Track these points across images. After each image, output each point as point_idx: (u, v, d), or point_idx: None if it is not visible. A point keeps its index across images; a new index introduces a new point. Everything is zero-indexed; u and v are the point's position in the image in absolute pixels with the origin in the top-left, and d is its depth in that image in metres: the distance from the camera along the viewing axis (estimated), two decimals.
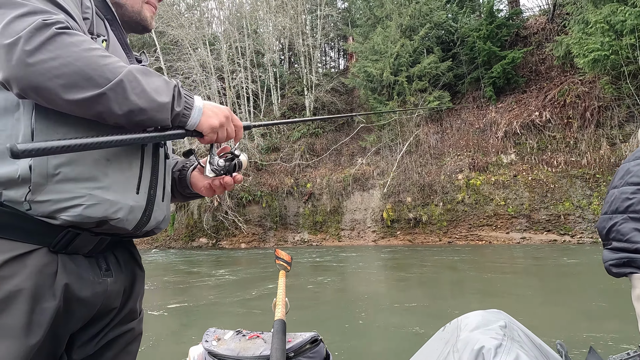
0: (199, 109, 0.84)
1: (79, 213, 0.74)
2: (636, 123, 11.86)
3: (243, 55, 20.12)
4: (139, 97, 0.74)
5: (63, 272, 0.75)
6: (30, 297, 0.70)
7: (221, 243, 16.44)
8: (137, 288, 0.97)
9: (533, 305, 4.55)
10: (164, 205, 0.94)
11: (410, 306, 4.80)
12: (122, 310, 0.92)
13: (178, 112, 0.80)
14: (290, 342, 1.57)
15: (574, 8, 13.54)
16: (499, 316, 0.90)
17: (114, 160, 0.79)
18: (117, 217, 0.78)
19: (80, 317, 0.80)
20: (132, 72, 0.74)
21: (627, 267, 0.69)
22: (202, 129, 0.85)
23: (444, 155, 14.79)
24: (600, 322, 3.69)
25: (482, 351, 0.80)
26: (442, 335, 1.01)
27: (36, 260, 0.72)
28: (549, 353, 0.87)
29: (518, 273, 7.01)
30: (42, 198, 0.72)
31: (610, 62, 11.26)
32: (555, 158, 12.77)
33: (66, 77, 0.68)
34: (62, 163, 0.73)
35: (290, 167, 17.27)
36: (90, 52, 0.70)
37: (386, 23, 16.51)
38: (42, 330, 0.71)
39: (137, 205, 0.83)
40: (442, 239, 13.49)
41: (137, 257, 1.00)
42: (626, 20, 10.53)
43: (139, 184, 0.84)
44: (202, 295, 5.92)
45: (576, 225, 11.75)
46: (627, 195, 0.70)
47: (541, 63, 15.34)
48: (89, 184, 0.75)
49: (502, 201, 12.85)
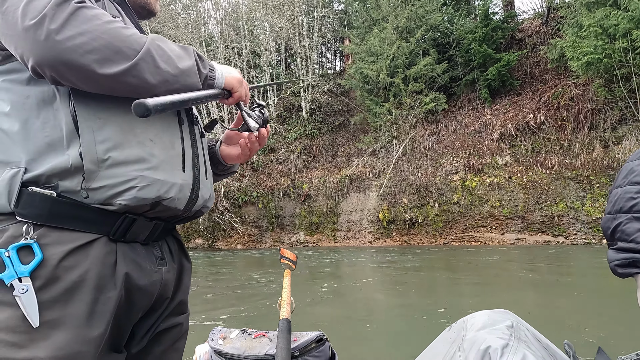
0: (219, 70, 0.86)
1: (134, 195, 0.74)
2: (629, 125, 12.03)
3: (239, 56, 20.10)
4: (168, 64, 0.74)
5: (122, 260, 0.76)
6: (93, 287, 0.71)
7: (217, 244, 16.40)
8: (185, 279, 0.96)
9: (532, 305, 4.61)
10: (208, 182, 0.94)
11: (412, 306, 4.84)
12: (173, 300, 0.91)
13: (205, 74, 0.82)
14: (295, 341, 1.59)
15: (568, 12, 13.71)
16: (505, 316, 0.91)
17: (157, 140, 0.79)
18: (169, 196, 0.79)
19: (141, 306, 0.81)
20: (155, 41, 0.74)
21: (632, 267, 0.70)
22: (232, 86, 0.87)
23: (439, 156, 14.88)
24: (602, 322, 3.75)
25: (489, 351, 0.80)
26: (447, 335, 1.01)
27: (97, 249, 0.73)
28: (557, 353, 0.87)
29: (515, 273, 7.08)
30: (97, 185, 0.72)
31: (603, 65, 11.42)
32: (549, 160, 12.90)
33: (98, 51, 0.67)
34: (110, 148, 0.73)
35: (286, 168, 17.27)
36: (113, 24, 0.70)
37: (382, 25, 16.58)
38: (106, 320, 0.72)
39: (185, 183, 0.83)
40: (437, 240, 13.57)
41: (184, 248, 0.99)
42: (619, 24, 10.68)
43: (184, 162, 0.84)
44: (207, 295, 5.92)
45: (570, 227, 11.88)
46: (631, 195, 0.70)
47: (536, 66, 15.49)
48: (138, 166, 0.75)
49: (497, 202, 12.96)
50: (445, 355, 0.94)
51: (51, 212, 0.71)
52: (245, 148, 1.04)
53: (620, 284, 5.49)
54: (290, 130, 18.73)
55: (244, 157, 1.07)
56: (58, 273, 0.69)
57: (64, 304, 0.68)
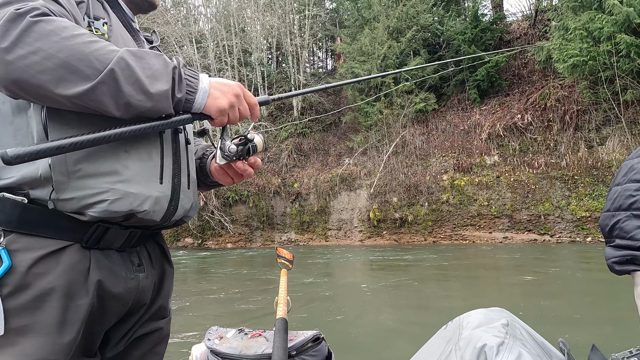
0: (204, 92, 0.77)
1: (105, 208, 0.72)
2: (612, 127, 12.32)
3: (230, 54, 19.94)
4: (134, 86, 0.67)
5: (96, 268, 0.75)
6: (63, 295, 0.70)
7: (207, 243, 16.28)
8: (167, 285, 0.95)
9: (521, 303, 4.70)
10: (190, 192, 0.91)
11: (407, 304, 4.89)
12: (152, 305, 0.90)
13: (180, 98, 0.74)
14: (292, 341, 1.60)
15: (555, 14, 13.97)
16: (501, 314, 0.92)
17: (132, 151, 0.76)
18: (143, 209, 0.76)
19: (114, 313, 0.80)
20: (124, 59, 0.67)
21: (630, 264, 0.70)
22: (210, 112, 0.78)
23: (429, 156, 15.02)
24: (594, 320, 3.84)
25: (485, 349, 0.81)
26: (444, 333, 1.02)
27: (69, 256, 0.72)
28: (552, 351, 0.89)
29: (507, 272, 7.21)
30: (66, 196, 0.70)
31: (588, 67, 11.67)
32: (536, 160, 13.14)
33: (52, 71, 0.62)
34: (81, 159, 0.71)
35: (277, 167, 17.23)
36: (74, 40, 0.64)
37: (373, 24, 16.65)
38: (76, 327, 0.71)
39: (162, 195, 0.80)
40: (427, 238, 13.70)
41: (167, 253, 0.98)
42: (603, 27, 10.93)
43: (161, 174, 0.81)
44: (201, 294, 5.88)
45: (555, 225, 12.12)
46: (630, 193, 0.70)
47: (523, 67, 15.74)
48: (110, 178, 0.72)
49: (486, 202, 13.15)
50: (441, 353, 0.95)
51: (21, 218, 0.70)
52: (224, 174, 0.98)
53: (606, 282, 5.64)
54: (282, 129, 18.68)
55: (226, 180, 1.00)
56: (28, 280, 0.67)
57: (33, 311, 0.67)
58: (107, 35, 0.80)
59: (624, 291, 4.94)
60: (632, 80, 11.55)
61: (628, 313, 3.99)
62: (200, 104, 0.77)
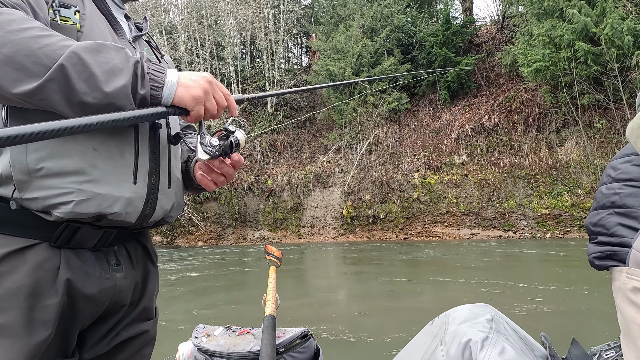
0: (171, 85, 0.71)
1: (70, 210, 0.68)
2: (570, 129, 13.08)
3: (202, 47, 19.47)
4: (88, 83, 0.62)
5: (66, 267, 0.71)
6: (30, 294, 0.66)
7: (176, 241, 15.90)
8: (151, 285, 0.91)
9: (508, 300, 4.92)
10: (171, 192, 0.85)
11: (393, 302, 4.97)
12: (136, 307, 0.87)
13: (144, 94, 0.68)
14: (280, 338, 1.62)
15: (521, 20, 14.62)
16: (485, 310, 0.96)
17: (102, 149, 0.71)
18: (113, 210, 0.71)
19: (88, 314, 0.76)
20: (77, 53, 0.62)
21: (609, 259, 0.71)
22: (185, 103, 0.71)
23: (401, 154, 15.36)
24: (579, 317, 4.07)
25: (470, 344, 0.83)
26: (430, 329, 1.04)
27: (36, 255, 0.68)
28: (534, 345, 0.92)
29: (472, 267, 7.51)
30: (29, 196, 0.66)
31: (549, 72, 12.31)
32: (501, 159, 13.74)
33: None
34: (44, 157, 0.66)
35: (250, 164, 17.06)
36: (21, 34, 0.59)
37: (348, 23, 16.77)
38: (48, 327, 0.68)
39: (135, 196, 0.75)
40: (398, 235, 14.04)
41: (150, 252, 0.93)
42: (564, 35, 11.55)
43: (135, 173, 0.76)
44: (185, 291, 5.77)
45: (518, 222, 12.75)
46: (614, 191, 0.73)
47: (491, 70, 16.37)
48: (76, 178, 0.68)
49: (454, 199, 13.62)
50: (427, 348, 0.97)
51: None
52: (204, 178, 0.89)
53: (566, 275, 5.97)
54: (255, 125, 18.49)
55: (209, 184, 0.90)
56: None
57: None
58: (78, 24, 0.74)
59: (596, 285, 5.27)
60: (589, 85, 12.30)
61: (583, 302, 4.28)
62: (167, 98, 0.70)
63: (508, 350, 0.79)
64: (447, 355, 0.86)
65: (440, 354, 0.88)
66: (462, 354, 0.83)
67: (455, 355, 0.84)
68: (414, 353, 1.04)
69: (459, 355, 0.83)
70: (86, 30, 0.75)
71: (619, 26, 10.49)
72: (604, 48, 11.14)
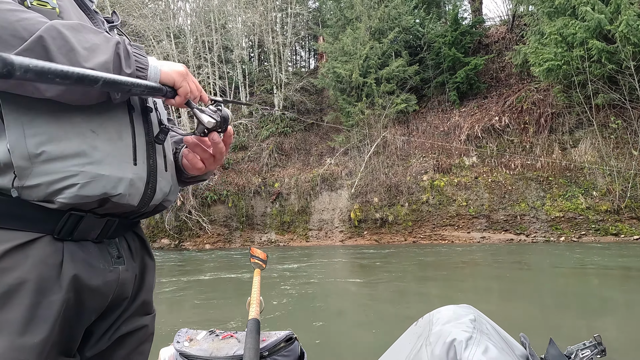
0: (154, 67, 0.73)
1: (76, 193, 0.67)
2: (584, 130, 12.78)
3: (210, 50, 19.67)
4: (67, 57, 0.61)
5: (70, 261, 0.70)
6: (34, 290, 0.65)
7: (184, 244, 15.99)
8: (148, 278, 0.91)
9: (496, 300, 4.80)
10: (168, 174, 0.87)
11: (382, 303, 4.91)
12: (135, 300, 0.86)
13: (129, 74, 0.68)
14: (264, 341, 1.57)
15: (531, 19, 14.39)
16: (469, 310, 0.96)
17: (100, 131, 0.71)
18: (117, 192, 0.72)
19: (94, 308, 0.75)
20: (56, 27, 0.62)
21: None
22: (173, 80, 0.74)
23: (410, 156, 15.21)
24: (557, 315, 3.95)
25: (454, 343, 0.84)
26: (414, 329, 1.04)
27: (39, 249, 0.67)
28: (514, 344, 0.93)
29: (480, 271, 7.35)
30: (31, 182, 0.65)
31: (562, 71, 12.06)
32: (512, 161, 13.49)
33: None
34: (44, 141, 0.65)
35: (258, 166, 17.10)
36: None
37: (356, 25, 16.75)
38: (49, 325, 0.66)
39: (137, 177, 0.76)
40: (407, 238, 13.87)
41: (147, 245, 0.94)
42: (576, 33, 11.31)
43: (134, 154, 0.76)
44: (171, 295, 5.75)
45: (530, 225, 12.47)
46: None
47: (501, 70, 16.14)
48: (78, 160, 0.67)
49: (464, 202, 13.40)
50: (412, 348, 0.97)
51: None
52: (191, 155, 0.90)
53: (574, 282, 5.81)
54: (263, 127, 18.55)
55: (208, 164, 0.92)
56: None
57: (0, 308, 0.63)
58: (57, 9, 0.73)
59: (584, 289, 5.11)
60: (603, 84, 12.00)
61: (585, 308, 4.14)
62: (154, 79, 0.72)
63: (491, 350, 0.80)
64: (432, 354, 0.88)
65: (425, 354, 0.90)
66: (446, 353, 0.85)
67: (440, 354, 0.86)
68: (398, 353, 1.04)
69: (444, 354, 0.85)
70: (65, 17, 0.74)
71: (635, 23, 10.22)
72: (618, 46, 10.86)
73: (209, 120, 0.80)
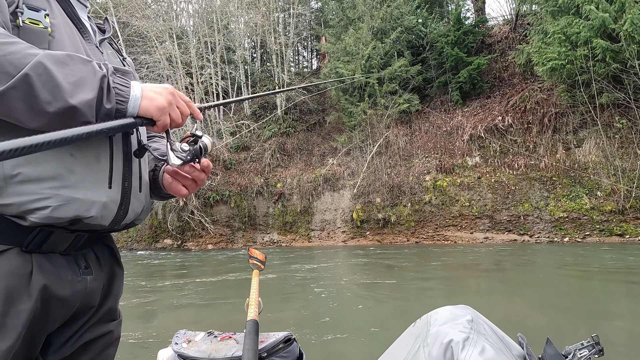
0: (135, 99, 0.72)
1: (48, 215, 0.69)
2: (588, 129, 12.69)
3: (213, 51, 19.71)
4: (52, 93, 0.62)
5: (39, 272, 0.71)
6: (3, 300, 0.66)
7: (187, 244, 16.02)
8: (116, 286, 0.93)
9: (496, 301, 4.77)
10: (142, 195, 0.89)
11: (382, 304, 4.90)
12: (101, 308, 0.87)
13: (109, 109, 0.69)
14: (263, 342, 1.57)
15: (535, 19, 14.31)
16: (466, 311, 0.96)
17: (78, 155, 0.73)
18: (89, 215, 0.73)
19: (59, 317, 0.77)
20: (43, 63, 0.62)
21: None
22: (151, 114, 0.73)
23: (412, 156, 15.16)
24: (558, 316, 3.92)
25: (451, 344, 0.84)
26: (412, 330, 1.04)
27: (8, 261, 0.68)
28: (511, 345, 0.93)
29: (482, 271, 7.31)
30: (5, 202, 0.67)
31: (566, 71, 11.98)
32: (516, 161, 13.41)
33: None
34: (20, 163, 0.67)
35: (260, 167, 17.11)
36: None
37: (358, 25, 16.72)
38: (16, 332, 0.68)
39: (110, 199, 0.78)
40: (409, 239, 13.82)
41: (116, 255, 0.95)
42: (580, 32, 11.24)
43: (110, 177, 0.78)
44: (171, 296, 5.75)
45: (534, 226, 12.40)
46: None
47: (504, 70, 16.07)
48: (53, 183, 0.69)
49: (467, 202, 13.35)
50: (410, 349, 0.97)
51: None
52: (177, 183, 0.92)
53: (575, 282, 5.76)
54: (265, 128, 18.56)
55: (180, 190, 0.93)
56: None
57: None
58: (49, 29, 0.73)
59: (585, 290, 5.07)
60: (608, 84, 11.91)
61: (584, 309, 4.10)
62: (132, 112, 0.72)
63: (488, 350, 0.81)
64: (430, 355, 0.88)
65: (423, 355, 0.91)
66: (444, 354, 0.86)
67: (437, 355, 0.87)
68: (396, 354, 1.04)
69: (441, 355, 0.86)
70: (57, 36, 0.75)
71: (639, 21, 10.14)
72: (623, 45, 10.78)
73: (174, 160, 0.81)
